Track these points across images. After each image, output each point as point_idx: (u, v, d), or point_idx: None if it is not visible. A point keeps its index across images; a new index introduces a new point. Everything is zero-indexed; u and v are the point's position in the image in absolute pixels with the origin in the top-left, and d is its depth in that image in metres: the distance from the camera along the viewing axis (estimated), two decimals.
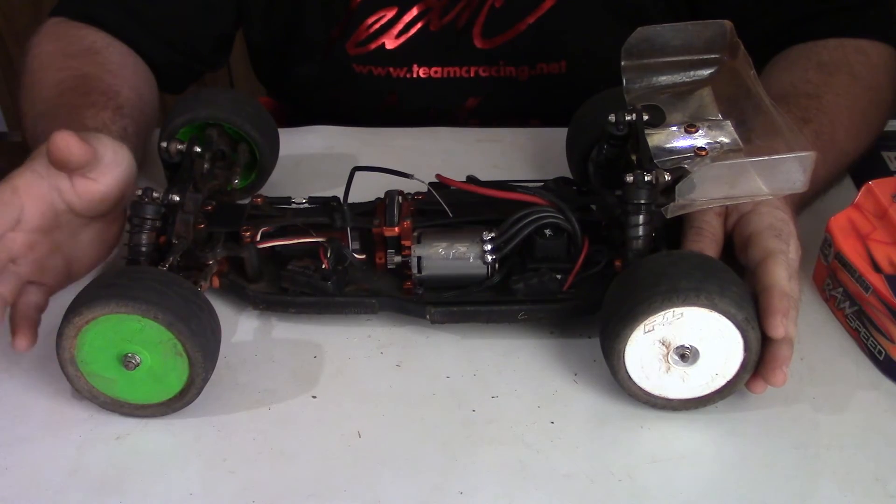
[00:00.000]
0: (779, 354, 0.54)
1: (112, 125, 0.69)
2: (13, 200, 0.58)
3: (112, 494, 0.54)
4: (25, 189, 0.58)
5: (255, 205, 0.67)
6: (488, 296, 0.62)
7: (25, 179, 0.59)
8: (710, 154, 0.60)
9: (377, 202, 0.65)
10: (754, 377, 0.56)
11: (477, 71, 0.88)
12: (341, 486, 0.54)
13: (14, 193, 0.58)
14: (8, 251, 0.57)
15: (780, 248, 0.58)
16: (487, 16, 0.85)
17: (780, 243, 0.58)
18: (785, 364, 0.54)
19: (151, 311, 0.53)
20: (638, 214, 0.58)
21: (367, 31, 0.87)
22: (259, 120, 0.73)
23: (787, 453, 0.55)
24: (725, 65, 0.64)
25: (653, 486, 0.53)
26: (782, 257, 0.57)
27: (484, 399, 0.59)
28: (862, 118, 0.75)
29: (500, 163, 0.81)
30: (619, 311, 0.55)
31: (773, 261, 0.57)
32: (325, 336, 0.64)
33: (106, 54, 0.79)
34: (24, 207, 0.58)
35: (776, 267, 0.56)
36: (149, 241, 0.60)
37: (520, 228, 0.61)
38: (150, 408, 0.57)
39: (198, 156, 0.66)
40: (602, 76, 0.68)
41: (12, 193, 0.58)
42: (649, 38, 0.63)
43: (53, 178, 0.59)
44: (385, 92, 0.90)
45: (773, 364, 0.54)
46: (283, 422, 0.58)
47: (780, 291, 0.55)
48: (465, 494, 0.53)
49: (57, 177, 0.59)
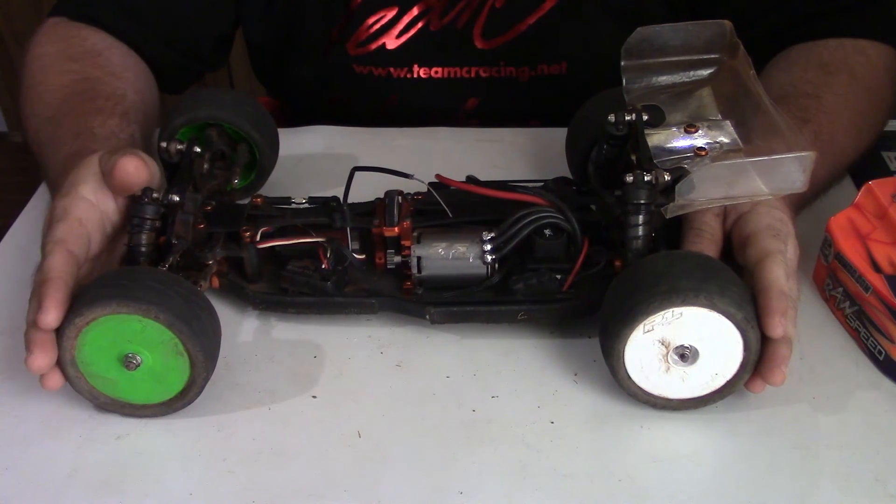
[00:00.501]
0: (778, 353, 0.54)
1: (121, 133, 0.69)
2: (83, 233, 0.58)
3: (112, 494, 0.54)
4: (87, 219, 0.58)
5: (255, 205, 0.67)
6: (488, 296, 0.62)
7: (84, 210, 0.58)
8: (709, 154, 0.60)
9: (377, 202, 0.65)
10: (753, 377, 0.56)
11: (477, 71, 0.88)
12: (341, 486, 0.54)
13: (81, 226, 0.58)
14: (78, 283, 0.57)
15: (777, 248, 0.58)
16: (488, 16, 0.85)
17: (778, 243, 0.58)
18: (784, 363, 0.54)
19: (153, 311, 0.53)
20: (637, 214, 0.58)
21: (368, 31, 0.87)
22: (259, 120, 0.73)
23: (787, 453, 0.55)
24: (725, 65, 0.64)
25: (653, 486, 0.54)
26: (780, 257, 0.57)
27: (484, 399, 0.59)
28: (861, 118, 0.75)
29: (499, 163, 0.81)
30: (618, 311, 0.55)
31: (771, 260, 0.57)
32: (325, 336, 0.64)
33: (107, 56, 0.79)
34: (91, 238, 0.58)
35: (774, 266, 0.56)
36: (148, 242, 0.60)
37: (519, 228, 0.61)
38: (150, 408, 0.57)
39: (197, 156, 0.66)
40: (602, 77, 0.68)
41: (80, 226, 0.58)
42: (649, 38, 0.63)
43: (102, 203, 0.60)
44: (385, 92, 0.90)
45: (771, 363, 0.54)
46: (283, 422, 0.58)
47: (779, 291, 0.55)
48: (465, 494, 0.53)
49: (105, 201, 0.60)
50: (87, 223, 0.58)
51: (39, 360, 0.54)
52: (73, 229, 0.57)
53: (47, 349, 0.54)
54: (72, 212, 0.58)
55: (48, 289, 0.54)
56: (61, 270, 0.55)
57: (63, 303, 0.54)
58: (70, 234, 0.57)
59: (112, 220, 0.60)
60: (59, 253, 0.56)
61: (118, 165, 0.58)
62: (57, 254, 0.55)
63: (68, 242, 0.56)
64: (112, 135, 0.68)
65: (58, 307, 0.53)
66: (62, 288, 0.54)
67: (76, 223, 0.58)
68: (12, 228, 0.75)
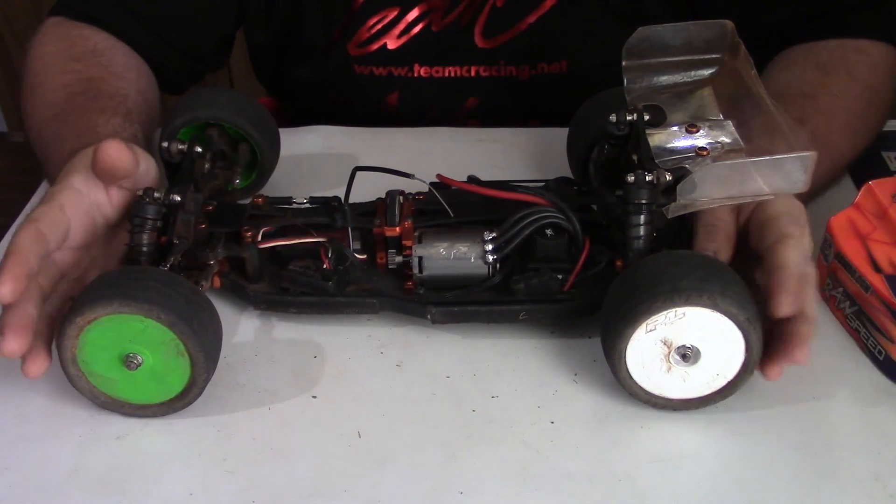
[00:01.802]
0: (801, 332, 0.54)
1: (124, 132, 0.69)
2: (61, 218, 0.57)
3: (112, 494, 0.54)
4: (70, 206, 0.58)
5: (256, 205, 0.67)
6: (489, 296, 0.62)
7: (69, 197, 0.58)
8: (711, 154, 0.60)
9: (378, 202, 0.65)
10: (771, 362, 0.55)
11: (477, 70, 0.88)
12: (341, 486, 0.54)
13: (61, 211, 0.57)
14: (59, 269, 0.57)
15: (795, 233, 0.57)
16: (489, 15, 0.85)
17: (797, 229, 0.58)
18: (806, 342, 0.54)
19: (154, 311, 0.53)
20: (639, 214, 0.58)
21: (369, 31, 0.87)
22: (260, 120, 0.73)
23: (787, 453, 0.55)
24: (726, 65, 0.64)
25: (653, 486, 0.54)
26: (796, 242, 0.57)
27: (484, 399, 0.59)
28: (859, 118, 0.75)
29: (500, 163, 0.81)
30: (620, 311, 0.55)
31: (787, 244, 0.57)
32: (325, 336, 0.64)
33: (110, 56, 0.79)
34: (70, 225, 0.58)
35: (789, 249, 0.56)
36: (150, 241, 0.60)
37: (521, 228, 0.61)
38: (151, 408, 0.57)
39: (198, 156, 0.66)
40: (603, 77, 0.68)
41: (60, 211, 0.57)
42: (650, 38, 0.63)
43: (92, 193, 0.59)
44: (385, 91, 0.90)
45: (794, 342, 0.54)
46: (283, 422, 0.58)
47: (790, 272, 0.55)
48: (465, 494, 0.53)
49: (96, 191, 0.60)
50: (69, 209, 0.58)
51: (11, 344, 0.52)
52: (51, 212, 0.57)
53: (17, 332, 0.52)
54: (56, 198, 0.58)
55: (7, 262, 0.52)
56: (25, 246, 0.54)
57: (21, 278, 0.52)
58: (45, 215, 0.56)
59: (104, 212, 0.60)
60: (29, 230, 0.55)
61: (100, 149, 0.58)
62: (27, 231, 0.55)
63: (40, 222, 0.56)
64: (115, 134, 0.68)
65: (14, 281, 0.52)
66: (22, 262, 0.53)
67: (56, 207, 0.57)
68: (13, 228, 0.75)
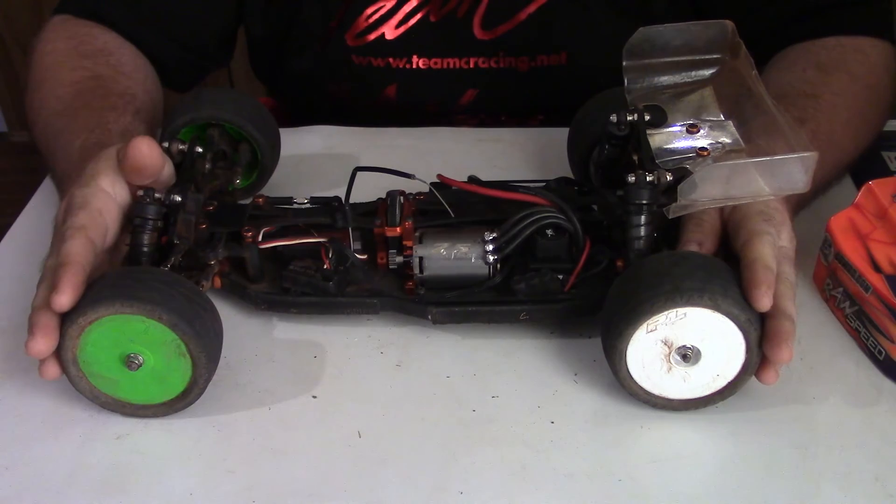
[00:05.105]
0: (781, 329, 0.53)
1: (134, 131, 0.70)
2: (103, 223, 0.58)
3: (112, 494, 0.54)
4: (107, 211, 0.58)
5: (257, 205, 0.67)
6: (490, 296, 0.62)
7: (103, 201, 0.58)
8: (711, 154, 0.60)
9: (379, 202, 0.65)
10: (764, 366, 0.55)
11: (476, 62, 0.88)
12: (341, 486, 0.54)
13: (101, 216, 0.58)
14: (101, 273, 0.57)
15: (767, 230, 0.57)
16: (488, 6, 0.85)
17: (769, 226, 0.58)
18: (789, 339, 0.53)
19: (156, 311, 0.53)
20: (640, 214, 0.58)
21: (367, 21, 0.86)
22: (260, 120, 0.73)
23: (787, 453, 0.55)
24: (727, 65, 0.64)
25: (653, 486, 0.54)
26: (768, 237, 0.57)
27: (484, 399, 0.59)
28: (860, 118, 0.75)
29: (500, 163, 0.81)
30: (621, 310, 0.55)
31: (759, 239, 0.56)
32: (325, 336, 0.64)
33: (119, 56, 0.80)
34: (108, 228, 0.58)
35: (760, 245, 0.56)
36: (150, 242, 0.60)
37: (521, 228, 0.61)
38: (151, 408, 0.57)
39: (199, 156, 0.66)
40: (602, 69, 0.67)
41: (100, 216, 0.58)
42: (651, 38, 0.63)
43: (119, 195, 0.60)
44: (384, 83, 0.90)
45: (776, 339, 0.53)
46: (283, 422, 0.58)
47: (763, 265, 0.54)
48: (465, 494, 0.53)
49: (122, 192, 0.60)
50: (106, 214, 0.58)
51: (41, 344, 0.53)
52: (95, 218, 0.57)
53: (49, 334, 0.53)
54: (92, 202, 0.58)
55: (66, 272, 0.53)
56: (81, 255, 0.54)
57: (78, 287, 0.53)
58: (92, 222, 0.57)
59: (128, 214, 0.60)
60: (80, 238, 0.55)
61: (132, 146, 0.58)
62: (78, 239, 0.55)
63: (89, 230, 0.56)
64: (126, 132, 0.69)
65: (73, 290, 0.53)
66: (80, 272, 0.54)
67: (97, 213, 0.58)
68: (13, 228, 0.75)
